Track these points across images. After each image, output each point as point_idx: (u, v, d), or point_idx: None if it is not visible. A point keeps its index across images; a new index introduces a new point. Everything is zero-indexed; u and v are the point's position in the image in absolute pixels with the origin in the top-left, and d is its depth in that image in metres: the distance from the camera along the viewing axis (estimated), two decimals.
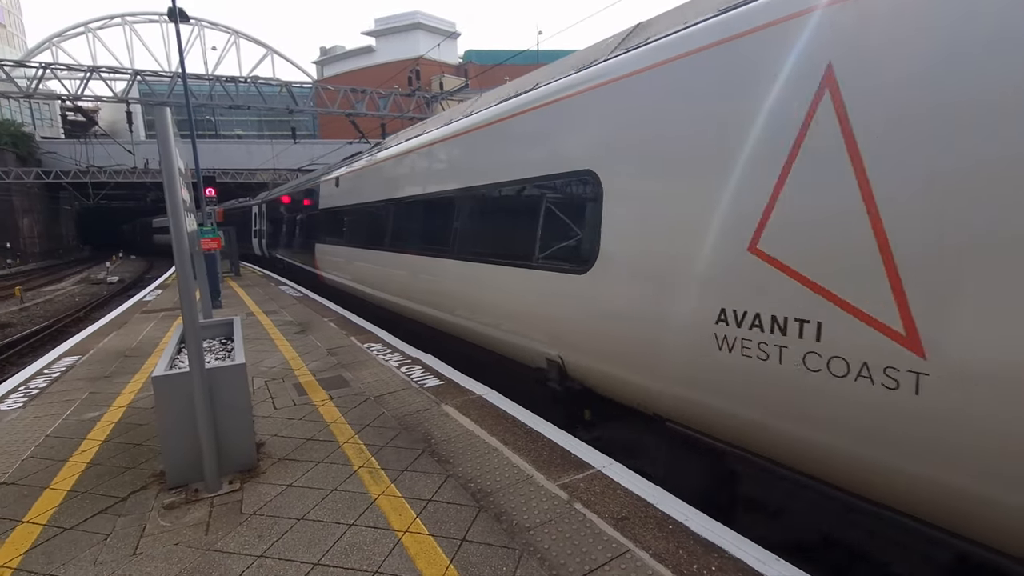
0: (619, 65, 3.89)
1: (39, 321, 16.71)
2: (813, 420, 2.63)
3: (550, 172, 4.63)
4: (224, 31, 69.17)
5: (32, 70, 18.06)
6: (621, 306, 3.83)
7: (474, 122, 5.91)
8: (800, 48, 2.63)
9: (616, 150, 3.88)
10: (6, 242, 39.34)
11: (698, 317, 3.20)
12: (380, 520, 3.09)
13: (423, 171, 7.27)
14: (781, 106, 2.69)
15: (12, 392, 5.74)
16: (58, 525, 3.16)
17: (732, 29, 3.01)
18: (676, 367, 3.43)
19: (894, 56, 2.26)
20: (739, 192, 2.91)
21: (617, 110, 3.86)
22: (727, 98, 2.99)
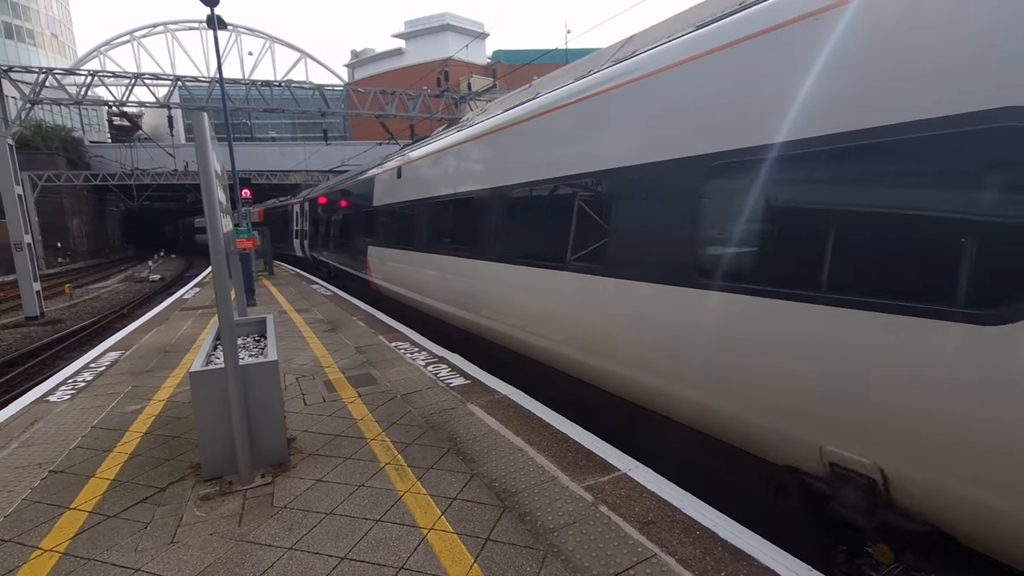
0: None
1: (86, 317, 17.54)
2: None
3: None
4: (260, 36, 71.16)
5: (81, 78, 18.95)
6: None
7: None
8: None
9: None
10: (57, 242, 41.39)
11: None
12: (406, 517, 3.12)
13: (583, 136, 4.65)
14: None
15: (61, 385, 6.03)
16: (102, 512, 3.31)
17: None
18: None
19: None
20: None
21: None
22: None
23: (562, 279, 4.74)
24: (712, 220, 3.33)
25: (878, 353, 2.42)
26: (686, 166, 3.47)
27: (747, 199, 3.05)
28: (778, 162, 2.87)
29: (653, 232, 3.76)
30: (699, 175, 3.36)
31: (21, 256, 15.77)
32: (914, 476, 2.39)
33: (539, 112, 5.30)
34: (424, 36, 66.14)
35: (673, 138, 3.61)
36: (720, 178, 3.25)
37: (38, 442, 4.42)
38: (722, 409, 3.28)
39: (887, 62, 2.43)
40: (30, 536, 3.07)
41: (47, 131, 42.52)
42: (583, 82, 4.75)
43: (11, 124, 16.26)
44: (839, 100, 2.62)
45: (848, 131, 2.55)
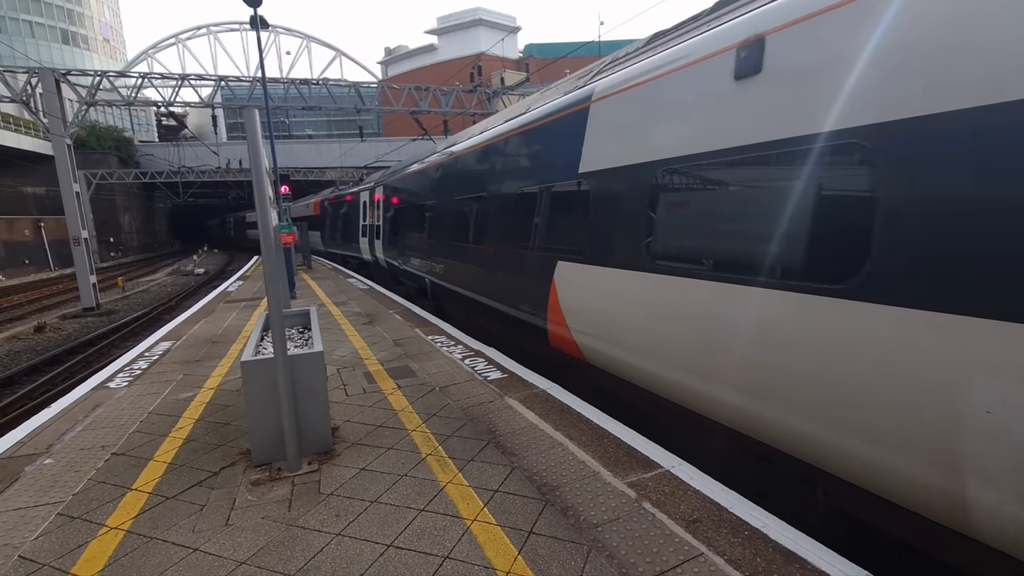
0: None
1: (138, 309, 18.40)
2: None
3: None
4: (297, 36, 72.89)
5: (132, 80, 19.84)
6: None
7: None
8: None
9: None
10: (109, 237, 43.58)
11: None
12: (449, 507, 3.16)
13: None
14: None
15: (119, 372, 6.35)
16: (161, 494, 3.47)
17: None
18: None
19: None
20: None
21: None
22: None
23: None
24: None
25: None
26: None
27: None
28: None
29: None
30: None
31: (79, 250, 16.65)
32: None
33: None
34: (456, 32, 66.37)
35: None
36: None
37: (100, 426, 4.67)
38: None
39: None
40: (97, 514, 3.24)
41: (100, 131, 44.76)
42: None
43: (69, 125, 17.14)
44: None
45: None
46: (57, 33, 66.86)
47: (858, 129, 2.61)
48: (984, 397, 2.13)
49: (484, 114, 22.34)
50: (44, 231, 35.49)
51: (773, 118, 3.03)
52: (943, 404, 2.26)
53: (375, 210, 15.25)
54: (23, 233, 34.16)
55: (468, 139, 8.44)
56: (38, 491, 3.55)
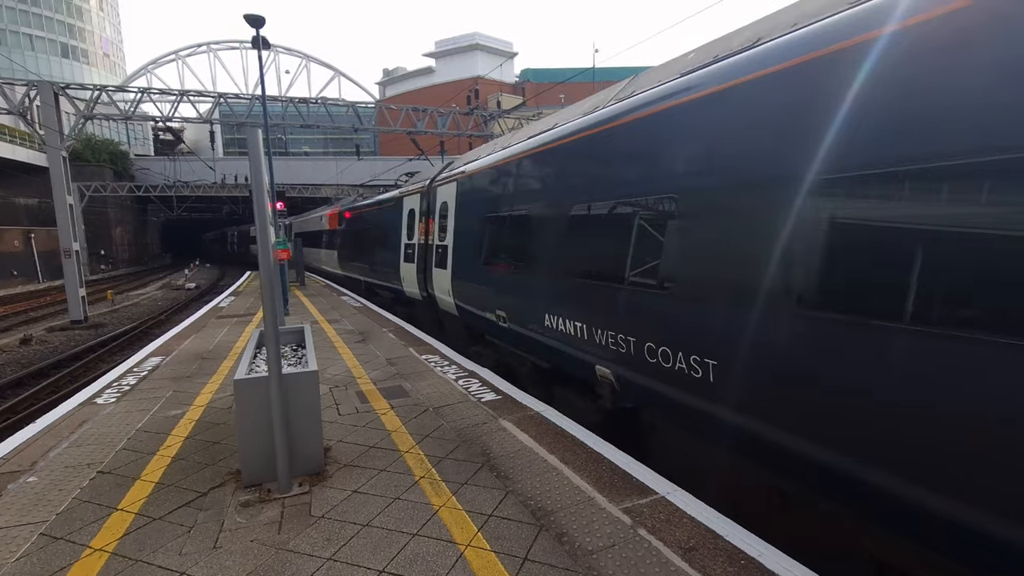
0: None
1: (127, 322, 18.17)
2: None
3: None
4: (296, 56, 73.81)
5: (131, 94, 19.96)
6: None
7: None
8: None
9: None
10: (100, 249, 43.22)
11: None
12: (443, 532, 3.12)
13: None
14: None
15: (107, 388, 6.25)
16: (147, 515, 3.40)
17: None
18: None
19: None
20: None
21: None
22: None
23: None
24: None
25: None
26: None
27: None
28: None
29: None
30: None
31: (69, 263, 16.50)
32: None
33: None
34: (454, 55, 67.55)
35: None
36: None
37: (87, 443, 4.58)
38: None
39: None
40: (81, 535, 3.16)
41: (96, 144, 44.72)
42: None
43: (66, 138, 17.15)
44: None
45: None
46: (57, 47, 67.31)
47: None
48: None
49: (481, 136, 22.61)
50: (34, 242, 35.16)
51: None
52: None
53: (432, 221, 9.48)
54: (12, 244, 33.81)
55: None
56: (20, 510, 3.46)
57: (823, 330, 2.67)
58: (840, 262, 2.62)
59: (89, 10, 71.78)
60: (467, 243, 7.76)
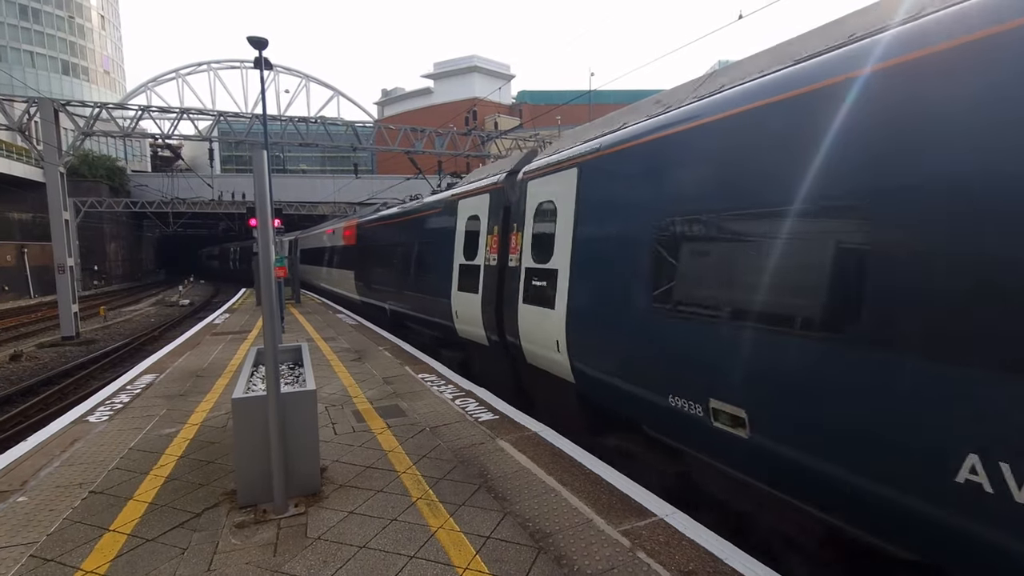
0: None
1: (119, 339, 18.00)
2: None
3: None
4: (296, 75, 74.66)
5: (131, 112, 20.11)
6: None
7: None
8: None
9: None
10: (94, 265, 42.98)
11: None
12: (440, 555, 3.09)
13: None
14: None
15: (99, 406, 6.18)
16: (140, 536, 3.35)
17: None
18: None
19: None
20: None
21: None
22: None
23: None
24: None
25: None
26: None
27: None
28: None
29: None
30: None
31: (63, 278, 16.41)
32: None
33: None
34: (452, 77, 68.58)
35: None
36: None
37: (78, 462, 4.52)
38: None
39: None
40: (72, 557, 3.11)
41: (93, 160, 44.82)
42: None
43: (64, 154, 17.20)
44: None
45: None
46: (58, 64, 67.89)
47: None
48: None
49: (478, 156, 22.87)
50: (27, 257, 34.95)
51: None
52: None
53: (518, 232, 6.69)
54: (5, 259, 33.59)
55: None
56: (10, 531, 3.40)
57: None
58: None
59: (91, 28, 72.63)
60: (609, 269, 4.78)
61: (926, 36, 2.55)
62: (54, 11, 67.33)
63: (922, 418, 2.39)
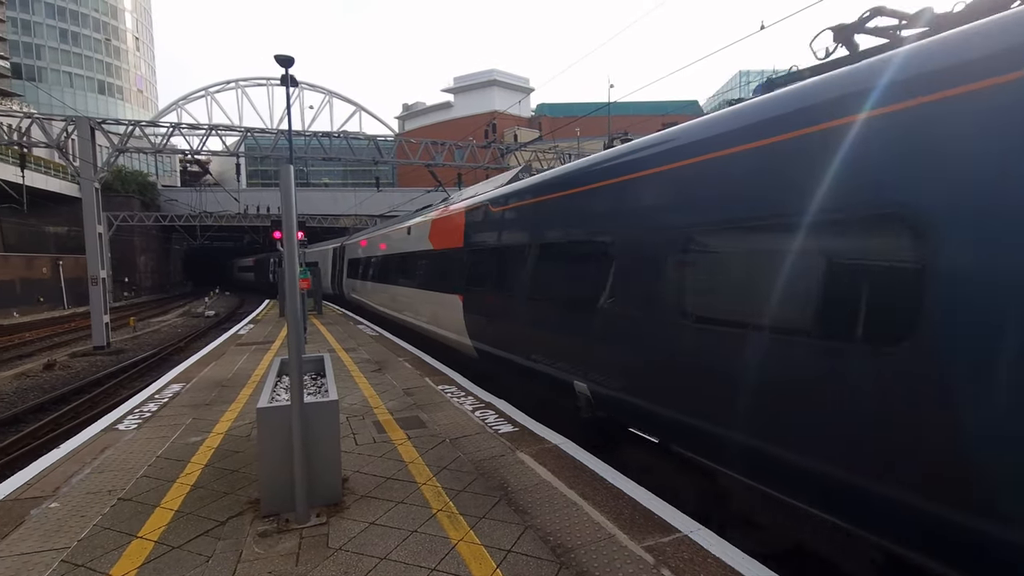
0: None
1: (147, 349, 18.47)
2: None
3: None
4: (320, 91, 76.52)
5: (163, 129, 20.85)
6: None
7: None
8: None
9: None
10: (124, 277, 44.31)
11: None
12: (461, 568, 3.07)
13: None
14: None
15: (128, 414, 6.33)
16: (167, 543, 3.40)
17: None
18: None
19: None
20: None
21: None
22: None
23: None
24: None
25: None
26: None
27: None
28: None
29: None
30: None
31: (96, 290, 16.95)
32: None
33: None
34: (472, 91, 69.42)
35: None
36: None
37: (108, 469, 4.63)
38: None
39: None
40: (101, 562, 3.17)
41: (126, 176, 46.47)
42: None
43: (99, 170, 17.88)
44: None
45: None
46: (94, 84, 70.92)
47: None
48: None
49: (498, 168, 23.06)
50: (62, 269, 36.21)
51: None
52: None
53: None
54: (41, 271, 34.85)
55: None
56: (42, 536, 3.49)
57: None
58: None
59: (126, 50, 75.79)
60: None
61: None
62: (92, 34, 70.53)
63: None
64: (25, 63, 63.00)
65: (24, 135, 18.35)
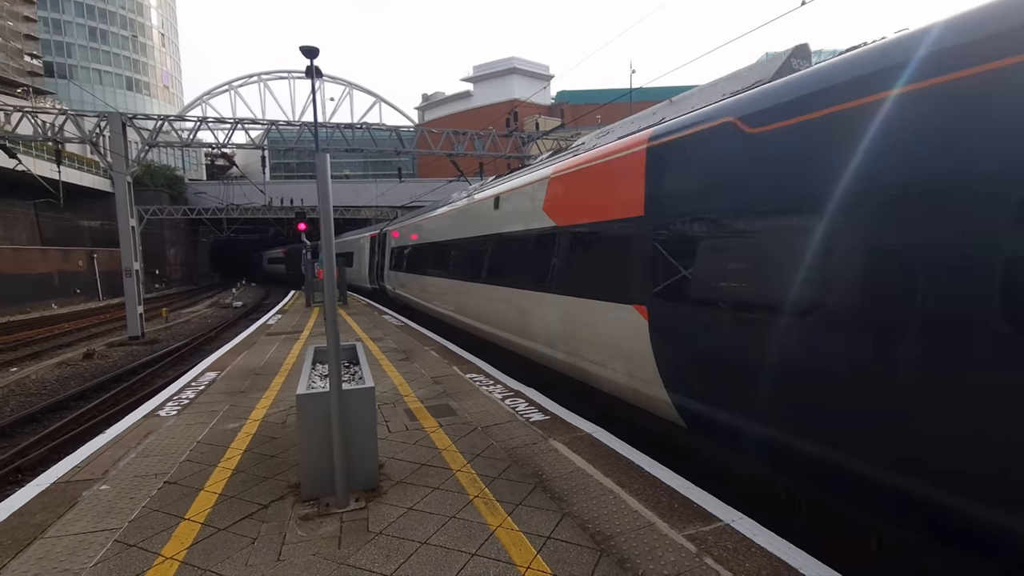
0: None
1: (180, 339, 18.99)
2: None
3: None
4: (340, 83, 76.97)
5: (189, 123, 21.26)
6: None
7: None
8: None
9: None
10: (155, 269, 45.53)
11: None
12: (501, 553, 3.08)
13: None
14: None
15: (168, 401, 6.51)
16: (213, 525, 3.49)
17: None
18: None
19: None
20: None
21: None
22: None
23: None
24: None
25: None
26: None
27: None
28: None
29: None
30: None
31: (130, 281, 17.44)
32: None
33: None
34: (491, 79, 69.04)
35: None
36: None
37: (152, 453, 4.77)
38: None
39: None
40: (152, 543, 3.27)
41: (155, 170, 47.58)
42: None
43: (131, 164, 18.31)
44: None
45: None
46: (123, 80, 72.49)
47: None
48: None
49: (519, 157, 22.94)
50: (96, 262, 37.37)
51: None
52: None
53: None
54: (77, 264, 36.03)
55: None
56: (95, 517, 3.61)
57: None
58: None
59: (152, 47, 77.17)
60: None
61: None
62: (119, 31, 71.97)
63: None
64: (57, 61, 64.71)
65: (59, 131, 18.88)
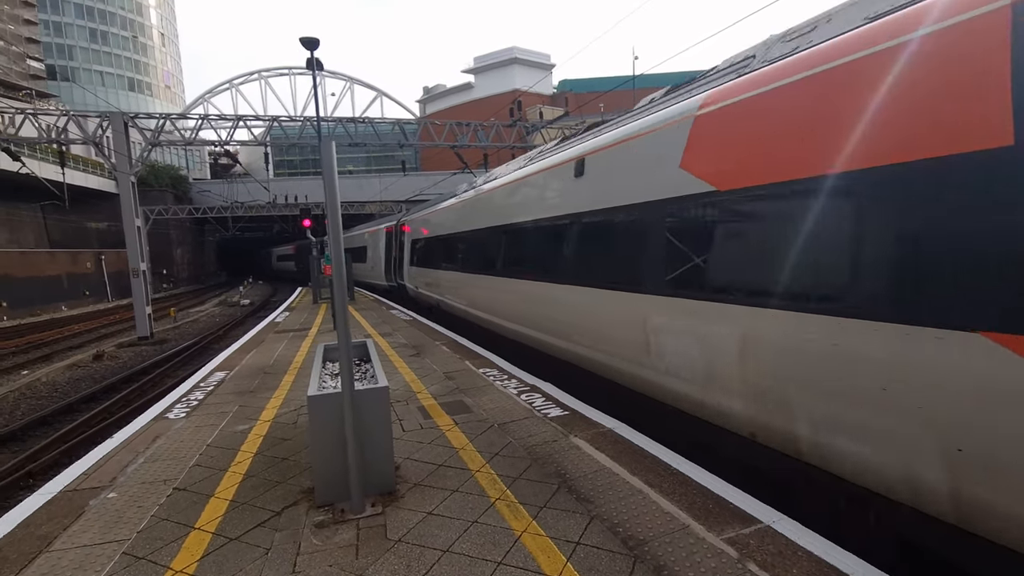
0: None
1: (189, 338, 18.95)
2: None
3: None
4: (341, 78, 76.55)
5: (191, 122, 21.13)
6: None
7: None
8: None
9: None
10: (162, 269, 45.68)
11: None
12: (529, 561, 2.90)
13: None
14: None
15: (176, 403, 6.38)
16: (224, 535, 3.33)
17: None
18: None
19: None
20: None
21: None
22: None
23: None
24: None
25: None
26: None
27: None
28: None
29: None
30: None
31: (137, 282, 17.38)
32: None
33: None
34: (492, 70, 68.45)
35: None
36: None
37: (161, 458, 4.62)
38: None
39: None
40: (162, 555, 3.12)
41: (159, 170, 47.60)
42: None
43: (134, 164, 18.19)
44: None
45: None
46: (124, 81, 72.45)
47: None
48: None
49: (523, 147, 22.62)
50: (104, 263, 37.48)
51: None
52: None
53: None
54: (85, 265, 36.15)
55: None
56: (103, 527, 3.47)
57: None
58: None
59: (152, 47, 77.03)
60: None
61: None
62: (119, 32, 71.83)
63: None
64: (59, 64, 64.67)
65: (62, 133, 18.78)
